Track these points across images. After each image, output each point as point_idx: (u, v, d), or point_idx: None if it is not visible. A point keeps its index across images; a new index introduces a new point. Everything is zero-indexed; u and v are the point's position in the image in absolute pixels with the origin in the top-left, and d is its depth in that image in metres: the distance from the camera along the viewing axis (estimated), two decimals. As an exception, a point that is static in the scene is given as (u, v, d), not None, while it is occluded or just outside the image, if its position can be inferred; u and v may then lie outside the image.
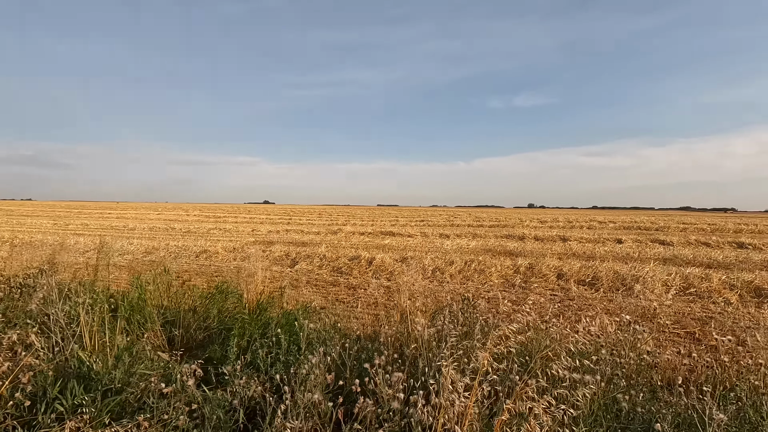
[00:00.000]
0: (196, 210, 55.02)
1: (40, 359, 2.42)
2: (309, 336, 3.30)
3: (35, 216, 35.67)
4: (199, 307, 4.84)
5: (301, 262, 10.90)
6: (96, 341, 3.21)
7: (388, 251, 13.20)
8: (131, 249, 13.50)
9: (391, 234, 19.94)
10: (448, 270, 9.70)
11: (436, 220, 33.62)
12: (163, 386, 2.29)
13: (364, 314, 4.40)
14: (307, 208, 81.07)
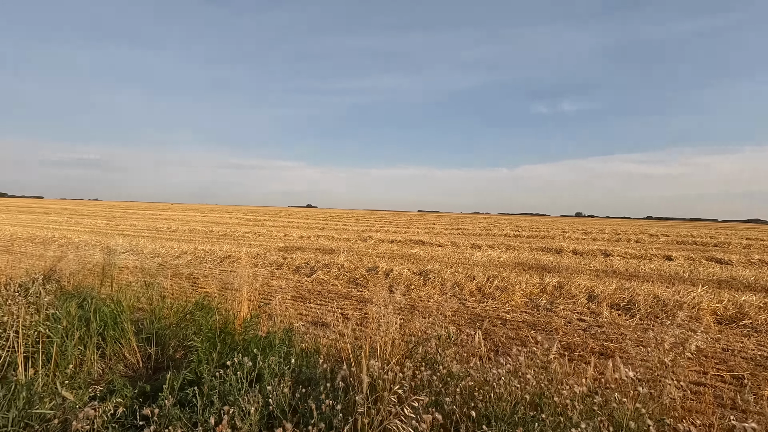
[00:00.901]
0: (239, 213, 57.01)
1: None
2: (260, 370, 2.96)
3: (94, 216, 38.31)
4: (182, 323, 4.67)
5: (319, 272, 10.69)
6: (44, 363, 3.04)
7: (411, 262, 12.72)
8: (162, 252, 13.91)
9: (420, 243, 19.41)
10: (467, 286, 9.09)
11: (473, 228, 32.58)
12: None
13: (350, 339, 4.01)
14: (346, 213, 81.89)
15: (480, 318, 7.01)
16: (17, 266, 9.53)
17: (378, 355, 3.02)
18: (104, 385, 3.16)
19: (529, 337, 5.94)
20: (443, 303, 7.94)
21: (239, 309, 4.86)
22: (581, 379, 3.01)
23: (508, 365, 2.60)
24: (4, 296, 4.07)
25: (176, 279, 9.67)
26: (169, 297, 5.89)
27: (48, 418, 2.17)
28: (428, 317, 6.31)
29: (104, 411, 2.23)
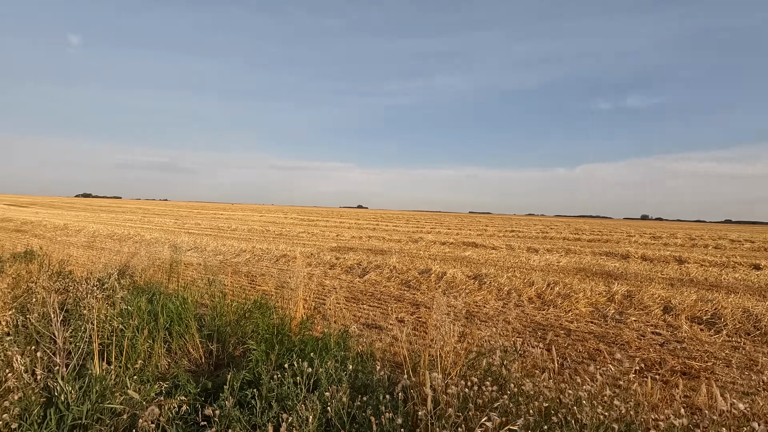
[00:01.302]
0: (294, 213, 58.98)
1: (41, 379, 2.38)
2: (318, 374, 2.89)
3: (163, 215, 41.27)
4: (242, 320, 4.77)
5: (371, 273, 10.67)
6: (116, 357, 3.18)
7: (464, 265, 12.37)
8: (223, 250, 14.60)
9: (474, 245, 18.89)
10: (526, 292, 8.63)
11: (528, 231, 31.29)
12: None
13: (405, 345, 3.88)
14: (396, 214, 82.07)
15: (541, 327, 6.60)
16: (97, 261, 10.38)
17: (437, 365, 2.86)
18: (170, 380, 3.26)
19: (599, 351, 5.48)
20: (501, 309, 7.58)
21: (295, 309, 4.89)
22: (671, 406, 2.66)
23: (586, 385, 2.32)
24: (85, 290, 4.37)
25: (236, 276, 10.07)
26: (229, 294, 6.10)
27: (118, 412, 2.24)
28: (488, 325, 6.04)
29: (169, 408, 2.26)
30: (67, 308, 4.46)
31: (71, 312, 4.39)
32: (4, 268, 7.05)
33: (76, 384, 2.19)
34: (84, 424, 2.15)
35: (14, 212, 35.29)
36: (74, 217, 31.29)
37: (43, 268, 6.93)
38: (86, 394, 2.20)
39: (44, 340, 3.26)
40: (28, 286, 5.30)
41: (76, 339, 3.09)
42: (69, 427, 2.09)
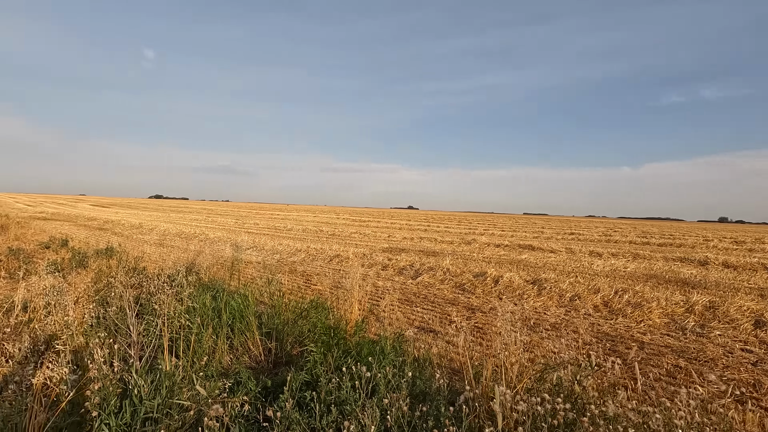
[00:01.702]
0: (345, 213, 60.09)
1: (116, 371, 2.51)
2: (377, 379, 2.82)
3: (225, 215, 43.66)
4: (298, 320, 4.83)
5: (424, 275, 10.52)
6: (183, 352, 3.31)
7: (521, 269, 11.85)
8: (280, 249, 15.11)
9: (530, 248, 18.11)
10: (590, 299, 8.07)
11: (590, 233, 29.53)
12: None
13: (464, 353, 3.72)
14: (447, 215, 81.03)
15: (609, 338, 6.12)
16: (167, 258, 11.13)
17: (502, 377, 2.68)
18: (232, 377, 3.35)
19: (680, 368, 4.96)
20: (563, 317, 7.14)
21: (350, 310, 4.87)
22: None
23: (680, 411, 2.04)
24: (156, 286, 4.63)
25: (292, 276, 10.35)
26: (286, 293, 6.23)
27: (186, 407, 2.31)
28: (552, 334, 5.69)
29: (232, 406, 2.30)
30: (141, 303, 4.76)
31: (144, 306, 4.69)
32: (89, 263, 7.72)
33: (148, 378, 2.29)
34: (155, 417, 2.23)
35: (98, 212, 38.97)
36: (147, 217, 33.95)
37: (120, 263, 7.51)
38: (157, 389, 2.29)
39: (120, 333, 3.48)
40: (108, 280, 5.74)
41: (148, 333, 3.26)
42: (141, 420, 2.19)
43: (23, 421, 2.12)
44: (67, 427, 2.35)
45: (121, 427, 2.15)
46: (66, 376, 2.40)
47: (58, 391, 2.37)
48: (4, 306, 4.59)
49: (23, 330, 3.89)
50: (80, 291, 5.25)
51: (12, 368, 3.27)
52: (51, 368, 2.57)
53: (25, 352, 3.46)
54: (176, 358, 3.13)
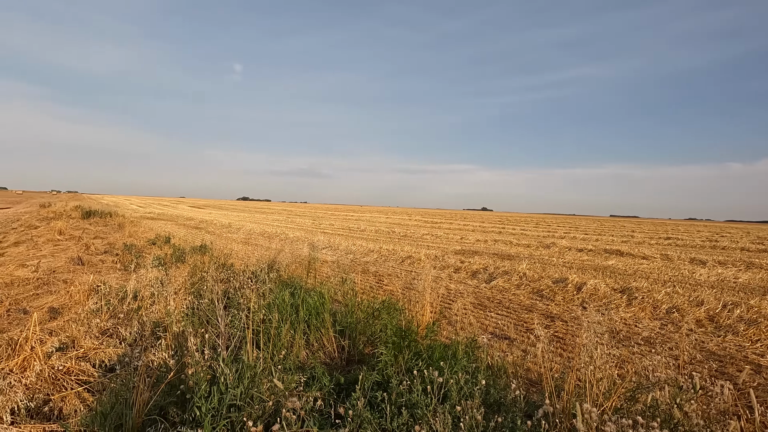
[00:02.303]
0: (417, 215, 60.11)
1: (206, 358, 2.74)
2: (449, 385, 2.75)
3: (303, 216, 46.02)
4: (370, 319, 4.91)
5: (499, 279, 10.13)
6: (264, 344, 3.52)
7: (607, 276, 10.91)
8: (353, 249, 15.53)
9: (618, 253, 16.62)
10: (692, 312, 7.17)
11: (690, 238, 26.35)
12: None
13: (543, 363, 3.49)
14: (524, 217, 77.46)
15: (716, 357, 5.38)
16: (251, 255, 11.99)
17: (587, 393, 2.46)
18: (308, 371, 3.49)
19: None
20: (658, 331, 6.43)
21: (422, 312, 4.84)
22: None
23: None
24: (241, 281, 4.99)
25: (364, 275, 10.57)
26: (359, 293, 6.37)
27: (265, 398, 2.45)
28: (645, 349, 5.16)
29: (307, 401, 2.39)
30: (229, 296, 5.16)
31: (231, 300, 5.08)
32: (186, 258, 8.58)
33: (233, 367, 2.46)
34: (238, 405, 2.40)
35: (194, 213, 43.25)
36: (235, 217, 36.93)
37: (212, 260, 8.24)
38: (240, 378, 2.46)
39: (211, 324, 3.80)
40: (201, 275, 6.32)
41: (234, 325, 3.52)
42: (227, 406, 2.36)
43: (131, 397, 2.40)
44: (166, 405, 2.61)
45: (210, 411, 2.34)
46: (166, 360, 2.68)
47: (158, 373, 2.65)
48: (119, 294, 5.26)
49: (133, 316, 4.42)
50: (178, 284, 5.84)
51: (124, 349, 3.73)
52: (154, 352, 2.87)
53: (134, 336, 3.92)
54: (258, 350, 3.34)
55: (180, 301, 5.39)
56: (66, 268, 8.74)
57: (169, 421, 2.51)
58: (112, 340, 4.15)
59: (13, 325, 5.08)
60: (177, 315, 4.03)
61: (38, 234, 15.04)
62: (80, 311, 4.90)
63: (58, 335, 4.16)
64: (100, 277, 7.29)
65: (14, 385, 2.88)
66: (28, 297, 6.50)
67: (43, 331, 4.37)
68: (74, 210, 26.99)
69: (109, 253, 11.46)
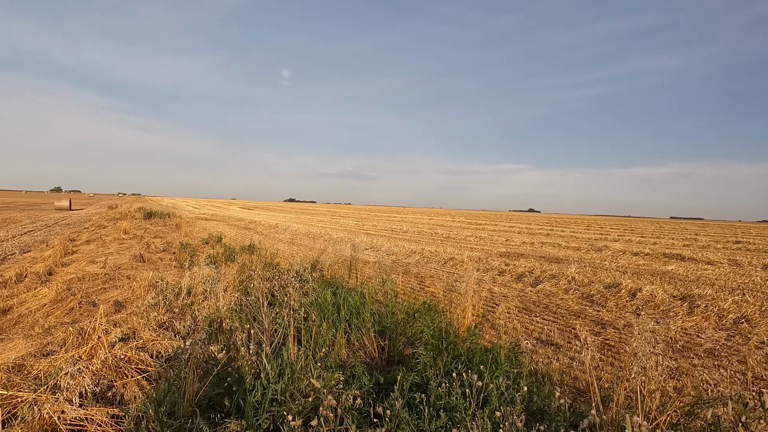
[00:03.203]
0: (461, 216, 59.24)
1: (251, 353, 2.87)
2: (488, 390, 2.69)
3: (347, 217, 46.75)
4: (410, 320, 4.90)
5: (545, 282, 9.77)
6: (306, 342, 3.62)
7: (666, 282, 10.20)
8: (395, 250, 15.57)
9: (679, 257, 15.49)
10: (764, 323, 6.55)
11: (764, 242, 24.06)
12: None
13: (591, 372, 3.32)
14: (574, 218, 74.12)
15: None
16: (296, 255, 12.35)
17: (638, 405, 2.32)
18: (348, 370, 3.54)
19: None
20: (724, 342, 5.92)
21: (464, 315, 4.76)
22: None
23: None
24: (286, 280, 5.16)
25: (406, 276, 10.56)
26: (400, 293, 6.37)
27: (305, 394, 2.52)
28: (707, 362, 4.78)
29: (345, 399, 2.43)
30: (274, 294, 5.35)
31: (276, 297, 5.26)
32: (236, 257, 8.99)
33: (275, 363, 2.55)
34: (279, 400, 2.48)
35: (245, 214, 45.20)
36: (282, 218, 38.18)
37: (259, 259, 8.57)
38: (281, 375, 2.54)
39: (257, 320, 3.96)
40: (249, 273, 6.60)
41: (277, 322, 3.65)
42: (269, 400, 2.45)
43: (183, 387, 2.55)
44: (215, 396, 2.75)
45: (253, 404, 2.44)
46: (215, 353, 2.82)
47: (207, 365, 2.80)
48: (175, 290, 5.60)
49: (186, 311, 4.70)
50: (228, 281, 6.13)
51: (178, 342, 3.97)
52: (204, 345, 3.03)
53: (187, 329, 4.17)
54: (299, 347, 3.44)
55: (229, 297, 5.66)
56: (129, 265, 9.43)
57: (216, 410, 2.64)
58: (167, 332, 4.44)
59: (84, 316, 5.57)
60: (226, 311, 4.23)
61: (106, 233, 16.36)
62: (140, 305, 5.28)
63: (120, 327, 4.51)
64: (158, 274, 7.81)
65: (83, 371, 3.16)
66: (97, 291, 7.08)
67: (108, 323, 4.75)
68: (137, 211, 29.10)
69: (167, 251, 12.24)
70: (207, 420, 2.52)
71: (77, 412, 2.74)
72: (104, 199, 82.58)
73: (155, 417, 2.32)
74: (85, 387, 2.98)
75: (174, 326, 4.47)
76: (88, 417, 2.73)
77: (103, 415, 2.75)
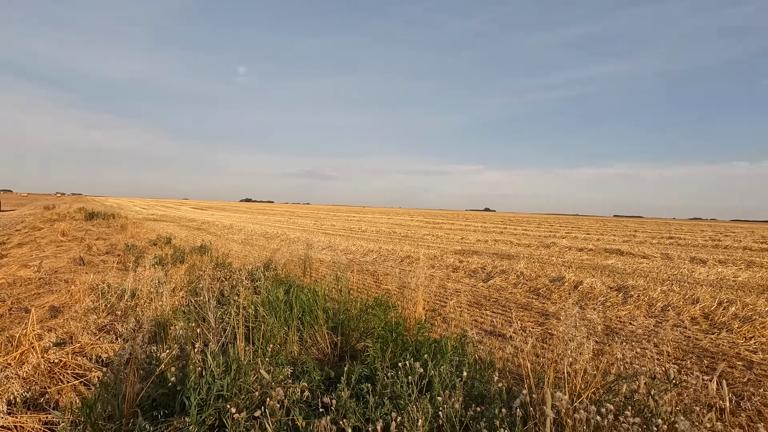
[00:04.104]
0: (419, 216, 60.12)
1: (196, 351, 2.82)
2: (431, 377, 2.82)
3: (305, 217, 46.14)
4: (363, 316, 4.98)
5: (496, 278, 10.19)
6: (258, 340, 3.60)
7: (605, 275, 10.95)
8: (353, 249, 15.61)
9: (618, 252, 16.62)
10: (687, 310, 7.20)
11: (692, 238, 26.29)
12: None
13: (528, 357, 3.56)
14: (526, 217, 77.33)
15: (708, 354, 5.42)
16: (250, 255, 12.09)
17: (565, 384, 2.53)
18: (300, 366, 3.57)
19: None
20: (652, 328, 6.47)
21: (414, 309, 4.91)
22: None
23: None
24: (237, 279, 5.08)
25: (362, 275, 10.64)
26: (354, 290, 6.42)
27: (252, 389, 2.53)
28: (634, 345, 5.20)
29: (293, 391, 2.46)
30: (224, 294, 5.25)
31: (227, 297, 5.17)
32: (185, 258, 8.69)
33: (222, 360, 2.54)
34: (225, 396, 2.47)
35: (197, 214, 43.47)
36: (237, 219, 37.09)
37: (211, 259, 8.34)
38: (227, 371, 2.53)
39: (206, 320, 3.89)
40: (199, 273, 6.41)
41: (226, 321, 3.60)
42: (215, 396, 2.44)
43: (122, 389, 2.48)
44: (158, 397, 2.69)
45: (198, 402, 2.42)
46: (157, 353, 2.76)
47: (149, 366, 2.73)
48: (118, 292, 5.36)
49: (130, 313, 4.51)
50: (176, 282, 5.94)
51: (120, 345, 3.82)
52: (147, 346, 2.95)
53: (130, 331, 4.02)
54: (249, 345, 3.42)
55: (178, 299, 5.49)
56: (68, 269, 8.86)
57: (159, 410, 2.59)
58: (109, 336, 4.24)
59: (14, 323, 5.19)
60: (171, 312, 4.12)
61: (41, 235, 15.21)
62: (79, 309, 5.00)
63: (56, 332, 4.26)
64: (100, 277, 7.40)
65: (11, 378, 2.97)
66: (30, 296, 6.61)
67: (42, 328, 4.47)
68: (78, 212, 27.21)
69: (110, 253, 11.59)
70: (150, 420, 2.47)
71: (5, 419, 2.59)
72: (40, 199, 76.41)
73: (89, 420, 2.24)
74: (14, 393, 2.81)
75: (116, 329, 4.28)
76: (18, 425, 2.58)
77: (34, 422, 2.61)
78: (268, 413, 2.20)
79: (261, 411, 2.16)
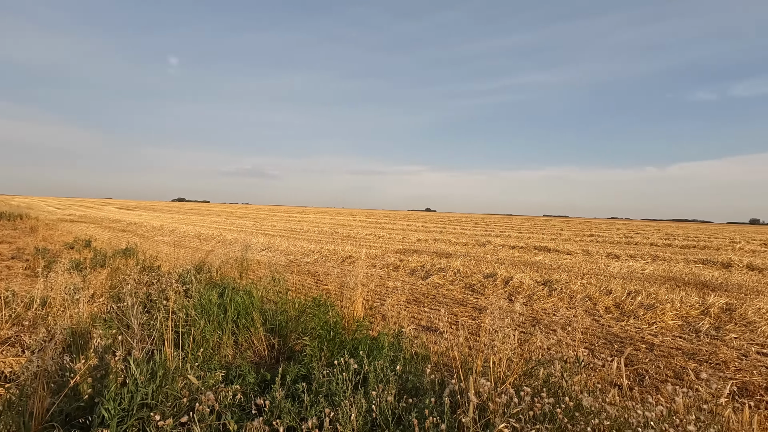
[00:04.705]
0: (362, 216, 60.31)
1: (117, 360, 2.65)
2: (366, 372, 2.89)
3: (244, 218, 44.42)
4: (302, 316, 4.93)
5: (435, 275, 10.53)
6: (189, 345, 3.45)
7: (534, 270, 11.73)
8: (294, 250, 15.33)
9: (545, 249, 17.87)
10: (602, 300, 7.95)
11: (609, 235, 28.92)
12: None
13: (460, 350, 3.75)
14: (465, 217, 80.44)
15: (618, 339, 6.02)
16: (182, 258, 11.45)
17: (490, 372, 2.71)
18: (234, 370, 3.47)
19: (687, 370, 4.86)
20: (572, 318, 7.05)
21: (353, 308, 4.96)
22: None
23: (660, 406, 2.04)
24: (166, 283, 4.81)
25: (303, 276, 10.50)
26: (293, 291, 6.33)
27: (180, 396, 2.43)
28: (553, 334, 5.66)
29: (224, 395, 2.40)
30: (152, 299, 4.94)
31: (155, 302, 4.87)
32: (107, 262, 8.04)
33: (146, 367, 2.41)
34: (150, 404, 2.35)
35: (123, 215, 40.22)
36: (169, 219, 34.85)
37: (137, 262, 7.79)
38: (152, 378, 2.41)
39: (131, 327, 3.64)
40: (123, 278, 5.97)
41: (153, 326, 3.40)
42: (138, 405, 2.31)
43: (29, 405, 2.26)
44: (72, 411, 2.49)
45: (119, 412, 2.28)
46: (69, 364, 2.55)
47: (62, 379, 2.52)
48: (24, 300, 4.85)
49: (40, 323, 4.11)
50: (96, 288, 5.48)
51: (27, 358, 3.46)
52: (59, 358, 2.72)
53: (39, 343, 3.66)
54: (180, 351, 3.26)
55: (98, 305, 5.07)
56: (-37, 276, 7.83)
57: (73, 425, 2.40)
58: (14, 349, 3.83)
59: None
60: (90, 320, 3.81)
61: (-71, 239, 13.29)
62: (-23, 321, 4.45)
63: (-53, 347, 3.76)
64: (4, 284, 6.63)
65: None
66: None
67: (-71, 344, 3.92)
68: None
69: (17, 258, 10.39)
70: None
71: None
72: (-73, 198, 66.41)
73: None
74: None
75: (23, 341, 3.87)
76: None
77: None
78: (197, 418, 2.12)
79: (189, 417, 2.09)
